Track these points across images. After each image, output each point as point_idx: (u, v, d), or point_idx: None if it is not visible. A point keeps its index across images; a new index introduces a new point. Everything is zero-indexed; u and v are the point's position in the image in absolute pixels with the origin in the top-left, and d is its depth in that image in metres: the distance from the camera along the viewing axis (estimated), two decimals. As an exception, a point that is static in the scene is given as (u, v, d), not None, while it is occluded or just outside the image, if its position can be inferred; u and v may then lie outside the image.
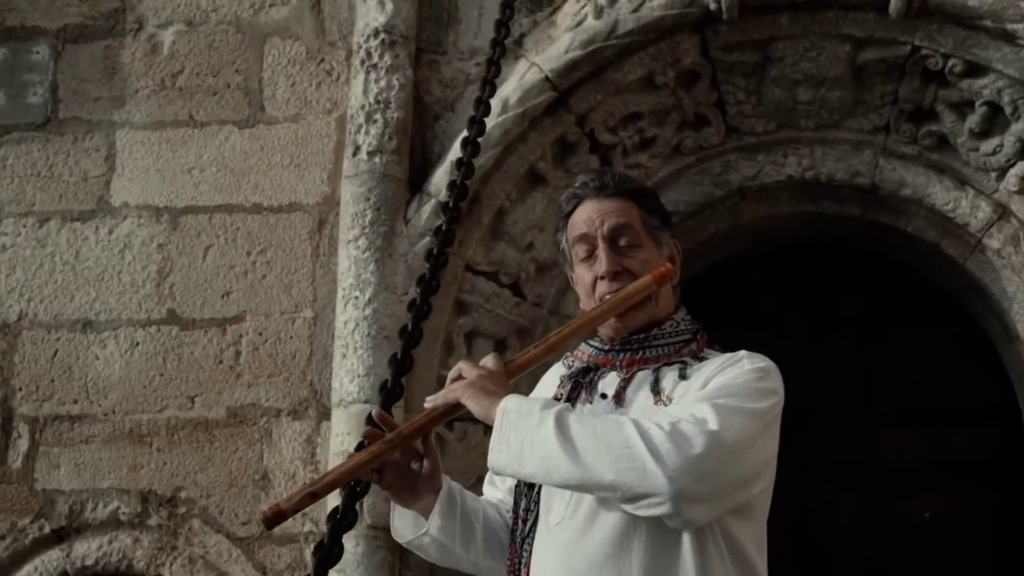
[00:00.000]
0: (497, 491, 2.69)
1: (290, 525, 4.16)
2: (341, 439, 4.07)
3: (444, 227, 2.50)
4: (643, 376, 2.41)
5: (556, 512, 2.31)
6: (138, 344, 4.43)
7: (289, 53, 4.63)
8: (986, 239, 4.51)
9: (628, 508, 2.15)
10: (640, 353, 2.44)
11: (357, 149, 4.28)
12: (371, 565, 3.93)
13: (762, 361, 2.39)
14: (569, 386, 2.48)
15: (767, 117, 4.66)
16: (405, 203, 4.29)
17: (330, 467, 4.08)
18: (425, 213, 4.24)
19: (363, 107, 4.31)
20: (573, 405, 2.41)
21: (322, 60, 4.61)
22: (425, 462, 2.47)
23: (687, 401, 2.27)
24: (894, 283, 5.03)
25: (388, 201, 4.23)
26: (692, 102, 4.58)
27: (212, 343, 4.40)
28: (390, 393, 2.21)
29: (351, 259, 4.18)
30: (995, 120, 4.43)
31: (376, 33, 4.38)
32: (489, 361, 2.40)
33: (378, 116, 4.29)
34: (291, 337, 4.37)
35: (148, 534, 4.27)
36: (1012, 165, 4.44)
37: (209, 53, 4.68)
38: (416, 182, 4.36)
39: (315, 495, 2.23)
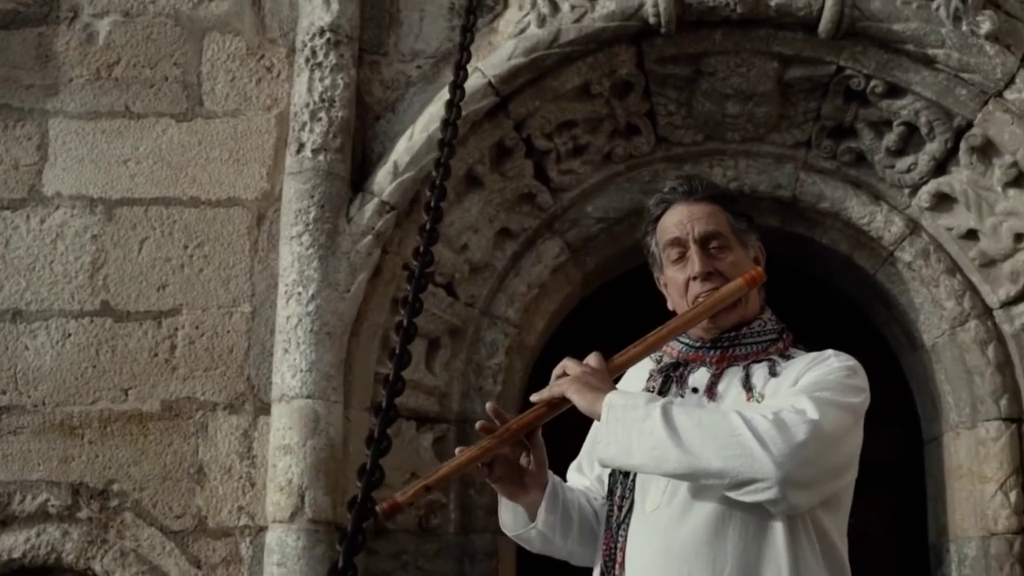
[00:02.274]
0: (584, 479, 2.76)
1: (225, 518, 4.21)
2: (282, 434, 4.10)
3: (422, 249, 2.54)
4: (733, 372, 2.52)
5: (652, 499, 2.40)
6: (70, 335, 4.38)
7: (229, 48, 4.62)
8: (898, 252, 4.72)
9: (734, 494, 2.25)
10: (730, 351, 2.55)
11: (301, 146, 4.31)
12: (312, 559, 3.97)
13: (849, 360, 2.51)
14: (660, 379, 2.57)
15: (696, 129, 4.80)
16: (348, 201, 4.33)
17: (269, 461, 4.13)
18: (368, 212, 4.29)
19: (307, 105, 4.34)
20: (663, 395, 2.50)
21: (262, 56, 4.61)
22: (532, 457, 2.53)
23: (782, 395, 2.39)
24: (803, 293, 5.20)
25: (332, 199, 4.27)
26: (625, 112, 4.70)
27: (147, 336, 4.37)
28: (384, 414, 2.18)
29: (294, 255, 4.22)
30: (911, 139, 4.65)
31: (321, 32, 4.41)
32: (592, 359, 2.46)
33: (323, 114, 4.33)
34: (228, 331, 4.37)
35: (78, 527, 4.23)
36: (925, 183, 4.67)
37: (147, 45, 4.64)
38: (356, 181, 4.41)
39: (429, 488, 2.32)
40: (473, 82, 4.36)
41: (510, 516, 2.62)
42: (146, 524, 4.22)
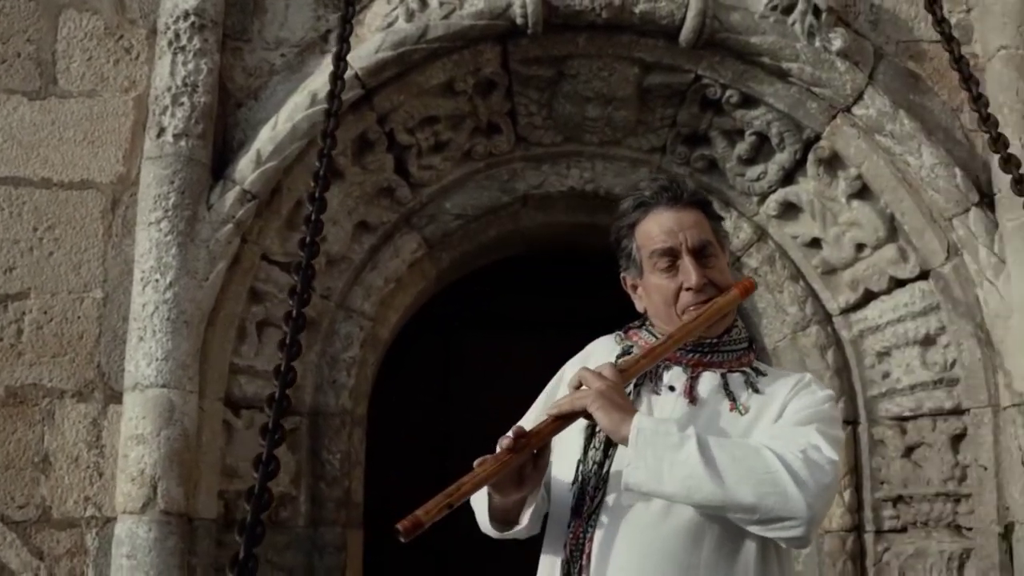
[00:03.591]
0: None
1: (71, 509, 4.11)
2: (135, 423, 4.01)
3: (308, 239, 2.51)
4: (709, 378, 2.55)
5: (627, 496, 2.39)
6: (-91, 316, 4.21)
7: (86, 26, 4.48)
8: (745, 258, 4.88)
9: (757, 528, 2.29)
10: (709, 356, 2.57)
11: (162, 131, 4.22)
12: (163, 550, 3.89)
13: (827, 388, 2.61)
14: None
15: (555, 130, 4.87)
16: (208, 189, 4.26)
17: (120, 451, 4.04)
18: (229, 200, 4.23)
19: (169, 89, 4.25)
20: (638, 391, 2.52)
21: (121, 37, 4.48)
22: (536, 463, 2.45)
23: (784, 424, 2.44)
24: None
25: (192, 185, 4.19)
26: (487, 110, 4.74)
27: (-8, 319, 4.23)
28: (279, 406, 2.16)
29: (152, 241, 4.13)
30: (762, 149, 4.80)
31: (186, 15, 4.32)
32: (608, 371, 2.42)
33: (185, 99, 4.25)
34: (79, 317, 4.24)
35: (-90, 516, 4.08)
36: (773, 191, 4.83)
37: (-1, 19, 4.49)
38: (216, 168, 4.34)
39: (451, 505, 2.24)
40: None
41: (493, 524, 2.58)
42: (-13, 514, 4.08)
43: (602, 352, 2.68)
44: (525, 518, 2.52)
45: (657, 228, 2.60)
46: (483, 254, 5.22)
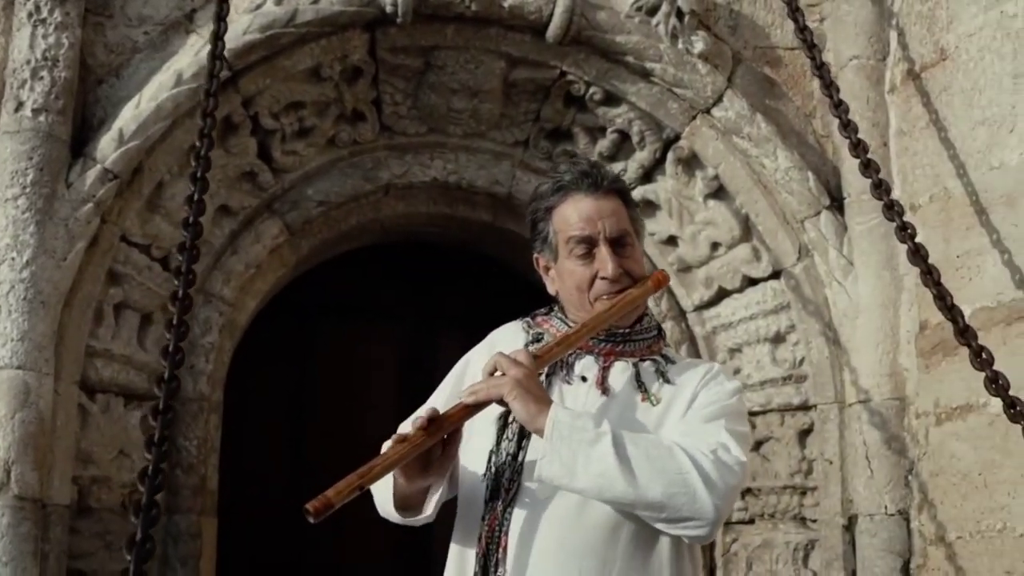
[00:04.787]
0: None
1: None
2: (-12, 405, 3.89)
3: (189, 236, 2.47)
4: (621, 367, 2.54)
5: (542, 488, 2.37)
6: None
7: (-65, -5, 4.32)
8: (603, 253, 4.94)
9: (663, 527, 2.30)
10: (621, 346, 2.56)
11: (20, 105, 4.07)
12: (16, 536, 3.76)
13: (734, 380, 2.62)
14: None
15: (420, 120, 4.89)
16: (68, 166, 4.14)
17: None
18: (89, 179, 4.11)
19: (29, 62, 4.11)
20: (549, 380, 2.49)
21: (-25, 7, 4.34)
22: (445, 449, 2.42)
23: (694, 417, 2.45)
24: (511, 287, 5.35)
25: (51, 162, 4.06)
26: (353, 97, 4.72)
27: None
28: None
29: (8, 219, 3.98)
30: (623, 147, 4.91)
31: (47, -13, 4.20)
32: (524, 357, 2.38)
33: (45, 73, 4.11)
34: (-71, 295, 4.08)
35: None
36: (632, 189, 4.91)
37: None
38: (74, 146, 4.22)
39: (362, 487, 2.19)
40: (206, 54, 4.28)
41: (397, 511, 2.54)
42: None
43: (508, 339, 2.67)
44: (430, 507, 2.50)
45: (576, 215, 2.57)
46: (342, 242, 5.20)
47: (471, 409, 2.36)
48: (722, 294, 4.88)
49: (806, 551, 4.60)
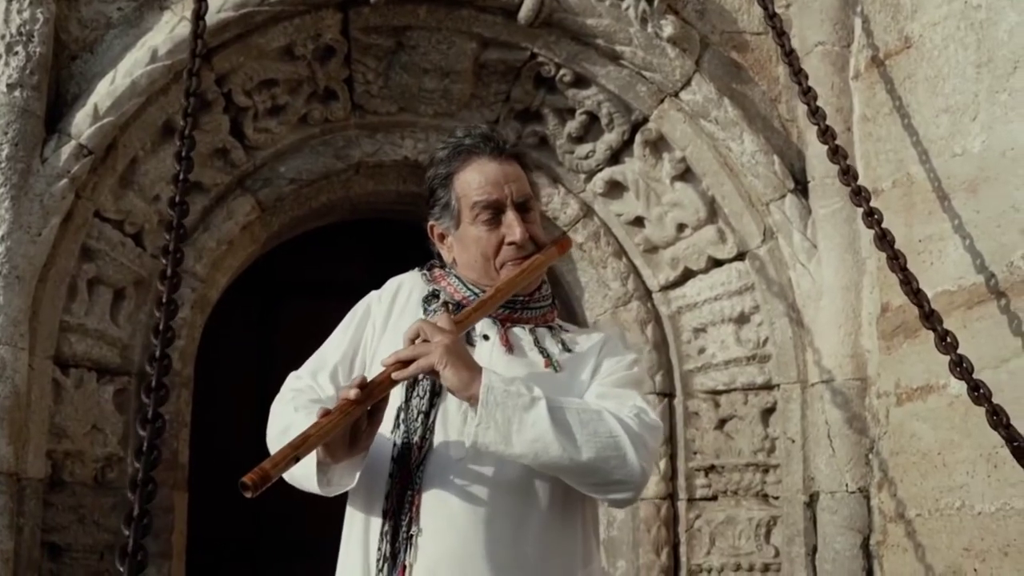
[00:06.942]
0: (325, 388, 2.61)
1: None
2: (-35, 382, 3.91)
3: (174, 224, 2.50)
4: (520, 333, 2.57)
5: (455, 448, 2.39)
6: None
7: (-90, -32, 4.30)
8: (572, 232, 5.01)
9: (591, 490, 2.36)
10: (519, 312, 2.59)
11: (-6, 80, 4.09)
12: (-9, 510, 3.82)
13: (631, 350, 2.66)
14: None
15: (391, 100, 4.92)
16: (42, 142, 4.15)
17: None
18: (64, 154, 4.13)
19: (3, 37, 4.10)
20: None
21: (-52, -19, 4.32)
22: (370, 421, 2.38)
23: (604, 384, 2.50)
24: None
25: (27, 138, 4.07)
26: (325, 76, 4.75)
27: None
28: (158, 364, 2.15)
29: (-17, 194, 4.01)
30: (591, 128, 4.96)
31: (21, -39, 4.20)
32: (445, 322, 2.38)
33: (20, 49, 4.11)
34: (-100, 270, 4.08)
35: None
36: (600, 170, 4.99)
37: None
38: (48, 121, 4.23)
39: (298, 457, 2.18)
40: (181, 31, 4.31)
41: (322, 483, 2.43)
42: None
43: (411, 287, 2.65)
44: (354, 479, 2.43)
45: (481, 179, 2.56)
46: (312, 219, 5.23)
47: (399, 377, 2.34)
48: (688, 275, 4.95)
49: (768, 527, 4.70)
